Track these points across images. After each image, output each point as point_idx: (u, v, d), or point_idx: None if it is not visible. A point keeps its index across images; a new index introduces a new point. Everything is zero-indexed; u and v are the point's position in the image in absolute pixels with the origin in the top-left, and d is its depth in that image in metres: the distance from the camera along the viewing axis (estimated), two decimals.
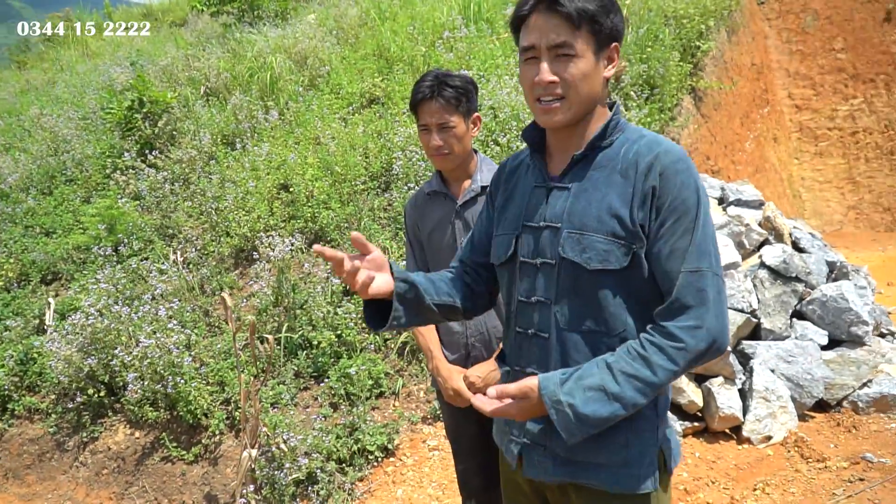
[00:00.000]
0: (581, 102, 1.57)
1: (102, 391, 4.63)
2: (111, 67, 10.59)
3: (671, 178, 1.50)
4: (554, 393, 1.50)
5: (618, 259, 1.53)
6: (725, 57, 9.67)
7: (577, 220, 1.58)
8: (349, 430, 4.07)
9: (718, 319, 1.48)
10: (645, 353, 1.48)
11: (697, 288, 1.47)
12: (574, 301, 1.59)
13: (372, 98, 7.23)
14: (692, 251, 1.49)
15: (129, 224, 6.05)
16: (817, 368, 4.20)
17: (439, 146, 2.40)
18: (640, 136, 1.61)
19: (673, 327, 1.47)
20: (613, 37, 1.57)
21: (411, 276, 1.72)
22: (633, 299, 1.56)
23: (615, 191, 1.55)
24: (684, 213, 1.50)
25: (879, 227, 12.66)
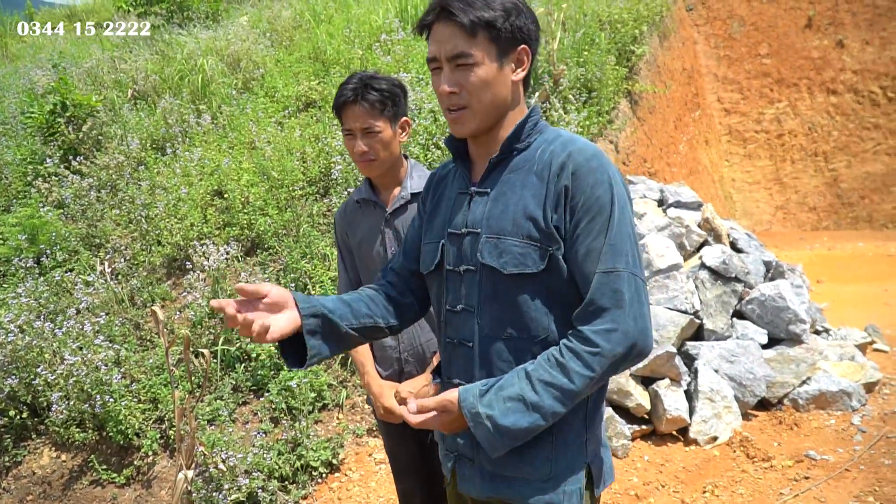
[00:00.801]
0: (485, 110, 1.55)
1: (25, 412, 4.35)
2: (32, 70, 10.12)
3: (584, 177, 1.47)
4: (473, 405, 1.46)
5: (534, 262, 1.49)
6: (658, 61, 9.85)
7: (494, 224, 1.55)
8: (291, 446, 3.91)
9: (637, 321, 1.43)
10: (562, 360, 1.43)
11: (613, 289, 1.43)
12: (494, 307, 1.55)
13: (308, 101, 7.06)
14: (606, 251, 1.44)
15: (52, 234, 5.74)
16: (759, 367, 4.25)
17: (364, 152, 2.30)
18: (556, 137, 1.58)
19: (588, 331, 1.42)
20: (519, 39, 1.54)
21: (321, 306, 1.58)
22: (555, 303, 1.52)
23: (530, 192, 1.52)
24: (598, 212, 1.46)
25: (806, 226, 13.11)
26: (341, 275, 2.58)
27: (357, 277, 2.51)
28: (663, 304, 4.45)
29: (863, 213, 12.93)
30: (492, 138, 1.61)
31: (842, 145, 13.24)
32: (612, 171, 1.50)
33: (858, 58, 13.38)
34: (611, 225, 1.45)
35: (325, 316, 1.58)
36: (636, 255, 1.48)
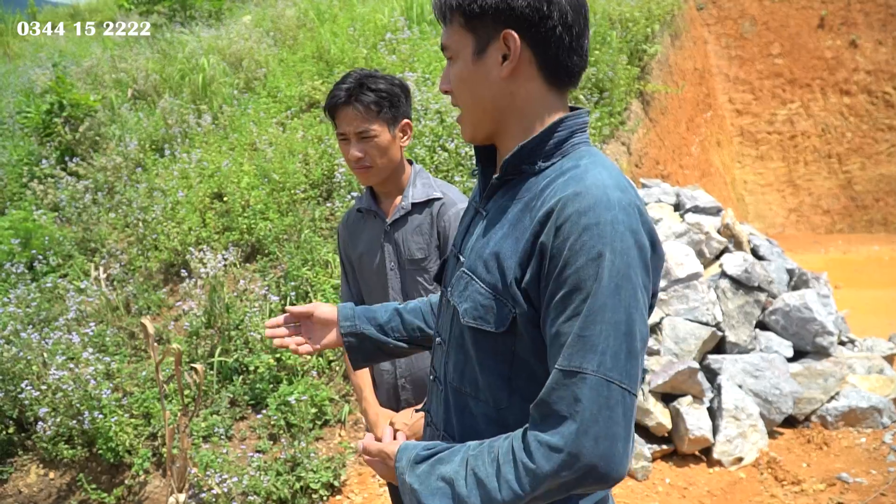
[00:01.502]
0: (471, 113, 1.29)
1: (11, 427, 4.15)
2: (31, 69, 9.94)
3: (567, 236, 1.09)
4: (403, 471, 1.25)
5: (495, 320, 1.20)
6: (670, 61, 9.62)
7: (472, 259, 1.28)
8: (290, 466, 3.70)
9: (600, 444, 1.06)
10: (500, 460, 1.14)
11: (573, 396, 1.07)
12: (459, 356, 1.32)
13: (312, 102, 6.86)
14: (574, 343, 1.08)
15: (45, 238, 5.54)
16: (785, 383, 4.02)
17: (359, 158, 2.07)
18: (572, 167, 1.19)
19: (532, 438, 1.11)
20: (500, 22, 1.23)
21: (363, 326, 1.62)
22: (521, 375, 1.22)
23: (515, 235, 1.20)
24: (575, 287, 1.08)
25: (820, 229, 12.86)
26: (343, 289, 2.37)
27: (359, 293, 2.30)
28: (683, 315, 4.23)
29: (878, 216, 12.67)
30: (506, 149, 1.29)
31: (856, 147, 12.99)
32: (616, 231, 1.09)
33: (872, 58, 13.12)
34: (588, 309, 1.07)
35: (363, 335, 1.62)
36: (623, 354, 1.08)
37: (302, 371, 4.19)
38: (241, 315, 4.45)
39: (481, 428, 1.28)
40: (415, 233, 2.13)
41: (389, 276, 2.16)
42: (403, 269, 2.15)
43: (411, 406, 2.18)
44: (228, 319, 4.47)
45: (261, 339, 4.25)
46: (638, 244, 1.11)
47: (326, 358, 4.28)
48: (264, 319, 4.38)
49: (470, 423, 1.31)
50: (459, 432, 1.32)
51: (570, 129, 1.24)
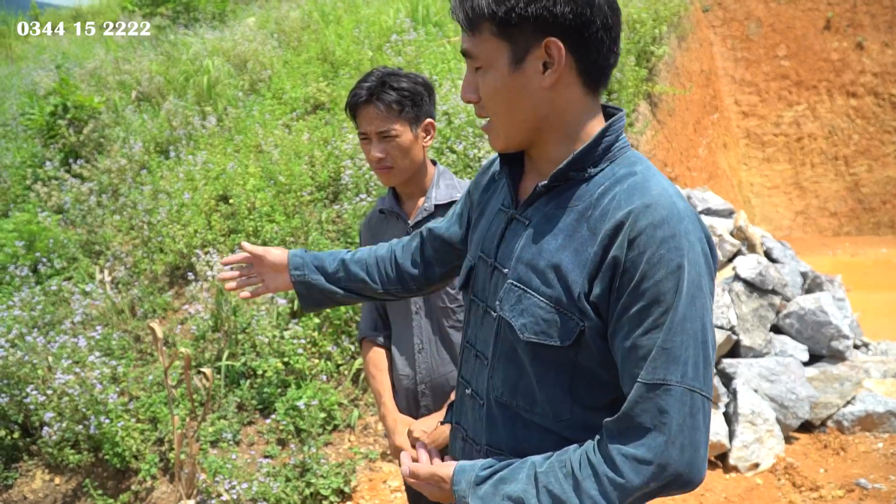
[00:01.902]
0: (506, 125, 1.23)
1: (16, 432, 4.09)
2: (34, 71, 9.91)
3: (644, 249, 1.08)
4: (465, 493, 1.21)
5: (560, 334, 1.16)
6: (677, 63, 9.57)
7: (523, 270, 1.22)
8: (300, 472, 3.64)
9: (685, 453, 1.08)
10: (579, 475, 1.12)
11: (658, 408, 1.08)
12: (510, 370, 1.26)
13: (317, 104, 6.80)
14: (658, 356, 1.08)
15: (49, 240, 5.49)
16: (801, 387, 3.96)
17: (380, 158, 2.02)
18: (628, 174, 1.17)
19: (616, 452, 1.10)
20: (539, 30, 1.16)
21: (310, 275, 1.68)
22: (582, 382, 1.20)
23: (574, 246, 1.16)
24: (655, 300, 1.08)
25: (827, 231, 12.79)
26: None
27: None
28: None
29: (885, 219, 12.60)
30: (543, 156, 1.25)
31: (863, 149, 12.92)
32: (690, 242, 1.09)
33: (878, 60, 13.06)
34: (670, 321, 1.07)
35: (312, 283, 1.68)
36: (702, 363, 1.10)
37: (310, 375, 4.14)
38: (248, 318, 4.40)
39: (535, 440, 1.25)
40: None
41: None
42: None
43: (431, 412, 2.12)
44: (235, 323, 4.41)
45: (269, 342, 4.20)
46: (704, 253, 1.12)
47: (335, 362, 4.22)
48: (272, 323, 4.32)
49: (523, 436, 1.26)
50: (510, 446, 1.28)
51: (616, 132, 1.21)
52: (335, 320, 4.29)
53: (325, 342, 4.25)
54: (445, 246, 1.61)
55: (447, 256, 1.62)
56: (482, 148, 5.10)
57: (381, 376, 2.21)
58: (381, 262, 1.69)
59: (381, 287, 1.68)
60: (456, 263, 1.61)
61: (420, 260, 1.65)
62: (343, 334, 4.29)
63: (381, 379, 2.21)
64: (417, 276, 1.66)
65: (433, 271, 1.65)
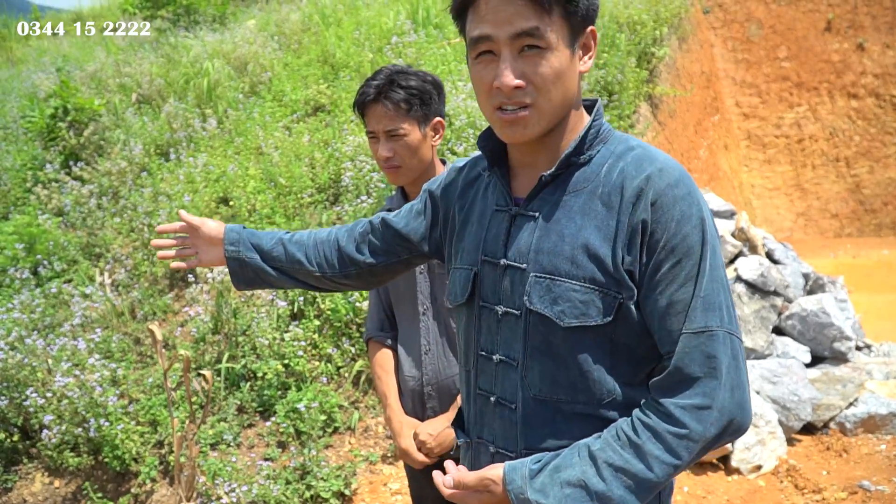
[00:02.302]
0: (553, 110, 1.22)
1: (16, 435, 4.08)
2: (35, 73, 9.91)
3: (667, 209, 1.14)
4: (521, 489, 1.16)
5: (599, 312, 1.19)
6: (677, 65, 9.56)
7: (546, 260, 1.23)
8: (300, 474, 3.62)
9: (735, 393, 1.12)
10: (638, 440, 1.13)
11: (706, 354, 1.12)
12: (547, 364, 1.25)
13: (317, 106, 6.80)
14: (696, 305, 1.13)
15: (49, 243, 5.48)
16: (804, 389, 3.94)
17: (388, 157, 2.00)
18: (627, 150, 1.24)
19: (673, 406, 1.12)
20: (589, 18, 1.23)
21: (244, 253, 1.63)
22: (620, 359, 1.22)
23: (594, 223, 1.20)
24: (685, 254, 1.14)
25: (828, 232, 12.77)
26: (371, 294, 2.28)
27: (388, 295, 2.22)
28: None
29: (886, 220, 12.58)
30: (543, 145, 1.28)
31: (864, 150, 12.90)
32: (702, 199, 1.19)
33: (879, 61, 13.05)
34: (701, 271, 1.13)
35: (245, 261, 1.63)
36: (731, 309, 1.17)
37: (311, 377, 4.12)
38: (248, 320, 4.38)
39: (577, 430, 1.24)
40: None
41: (418, 280, 2.09)
42: (433, 272, 2.08)
43: (437, 414, 2.09)
44: (235, 325, 4.40)
45: (269, 344, 4.18)
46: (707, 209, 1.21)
47: (336, 364, 4.21)
48: (272, 325, 4.31)
49: (564, 430, 1.25)
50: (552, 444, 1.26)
51: (601, 117, 1.30)
52: (335, 322, 4.28)
53: (326, 344, 4.24)
54: (399, 238, 1.57)
55: (396, 249, 1.58)
56: None
57: (387, 378, 2.19)
58: (321, 245, 1.63)
59: (317, 270, 1.62)
60: (403, 257, 1.59)
61: (367, 248, 1.60)
62: (343, 336, 4.28)
63: (386, 381, 2.19)
64: (360, 262, 1.59)
65: (378, 261, 1.59)
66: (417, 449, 2.04)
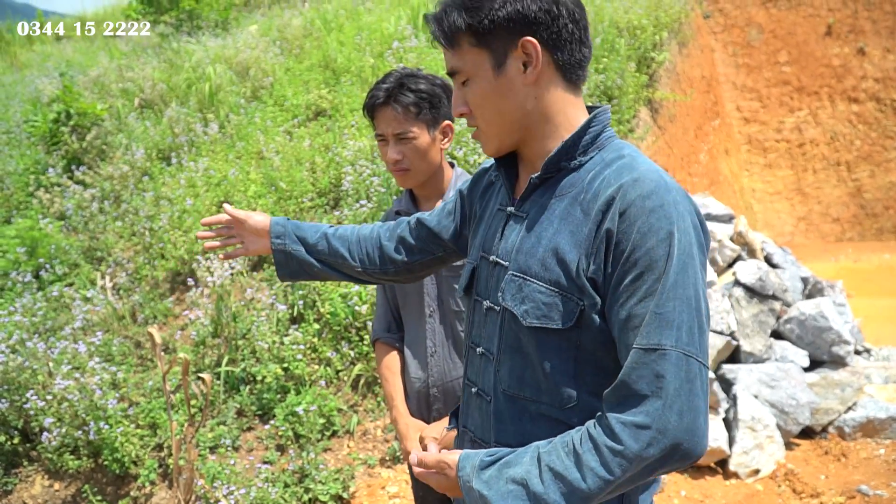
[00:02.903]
0: (496, 128, 1.30)
1: (16, 438, 4.09)
2: (38, 78, 9.95)
3: (634, 220, 1.13)
4: (469, 477, 1.21)
5: (560, 316, 1.20)
6: (678, 69, 9.57)
7: (522, 260, 1.27)
8: (298, 478, 3.64)
9: (683, 417, 1.08)
10: (579, 450, 1.13)
11: (654, 373, 1.09)
12: (516, 360, 1.29)
13: (318, 110, 6.83)
14: (651, 321, 1.10)
15: (51, 246, 5.51)
16: (802, 393, 3.95)
17: (397, 160, 2.02)
18: (616, 158, 1.24)
19: (615, 421, 1.11)
20: (514, 31, 1.25)
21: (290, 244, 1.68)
22: (586, 367, 1.22)
23: (570, 228, 1.22)
24: (647, 267, 1.12)
25: (829, 237, 12.77)
26: (379, 295, 2.29)
27: (395, 297, 2.23)
28: None
29: (888, 224, 12.57)
30: (534, 152, 1.31)
31: (864, 154, 12.91)
32: (678, 212, 1.14)
33: (880, 66, 13.05)
34: (662, 287, 1.10)
35: (291, 253, 1.69)
36: (696, 329, 1.12)
37: (310, 381, 4.14)
38: (248, 324, 4.40)
39: (543, 431, 1.25)
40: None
41: (425, 282, 2.10)
42: (440, 274, 2.09)
43: (443, 416, 2.10)
44: (235, 329, 4.42)
45: (268, 348, 4.20)
46: (694, 224, 1.16)
47: (335, 368, 4.22)
48: (272, 329, 4.33)
49: (530, 430, 1.27)
50: (518, 440, 1.27)
51: (603, 123, 1.29)
52: (335, 326, 4.30)
53: (325, 348, 4.25)
54: (432, 236, 1.64)
55: (431, 247, 1.65)
56: (482, 155, 5.11)
57: (393, 379, 2.20)
58: (364, 242, 1.70)
59: (359, 265, 1.69)
60: (438, 255, 1.66)
61: (403, 247, 1.67)
62: (343, 340, 4.30)
63: (393, 382, 2.20)
64: (398, 261, 1.67)
65: (414, 259, 1.67)
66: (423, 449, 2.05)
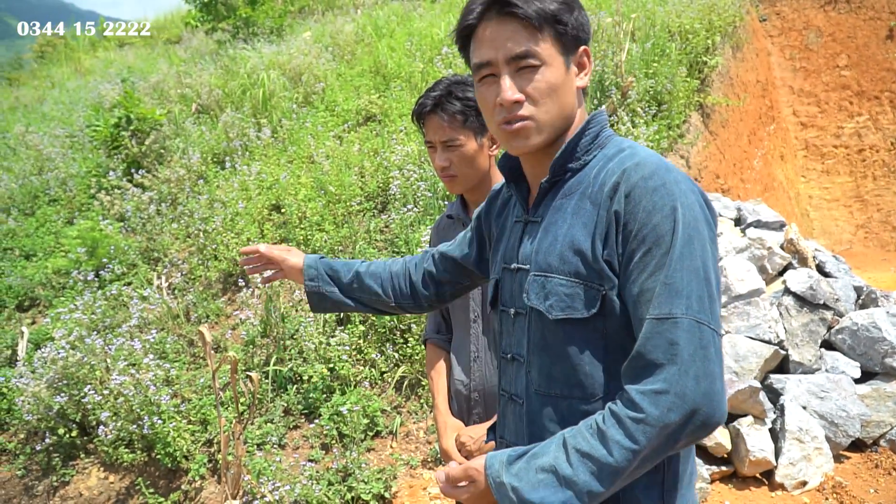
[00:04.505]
0: (552, 121, 1.32)
1: (74, 431, 4.27)
2: (101, 84, 10.33)
3: (639, 200, 1.20)
4: (498, 473, 1.20)
5: (584, 305, 1.25)
6: (731, 73, 9.41)
7: (542, 259, 1.33)
8: (342, 476, 3.71)
9: (700, 382, 1.10)
10: (603, 427, 1.14)
11: (668, 341, 1.12)
12: (544, 359, 1.32)
13: (368, 115, 6.94)
14: (661, 292, 1.15)
15: (111, 247, 5.72)
16: (852, 405, 3.86)
17: (444, 167, 2.07)
18: (617, 152, 1.32)
19: (634, 392, 1.13)
20: (582, 38, 1.34)
21: (326, 286, 1.77)
22: (613, 354, 1.25)
23: (582, 220, 1.28)
24: (655, 242, 1.17)
25: (889, 245, 12.36)
26: None
27: None
28: (744, 332, 4.10)
29: None
30: (547, 156, 1.37)
31: None
32: (681, 189, 1.20)
33: None
34: (669, 259, 1.15)
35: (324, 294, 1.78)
36: (706, 298, 1.16)
37: (355, 382, 4.21)
38: (296, 325, 4.50)
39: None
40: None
41: None
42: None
43: (483, 420, 2.14)
44: (284, 329, 4.52)
45: (315, 348, 4.29)
46: (699, 202, 1.21)
47: (379, 369, 4.29)
48: (318, 330, 4.42)
49: (562, 427, 1.26)
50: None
51: (601, 123, 1.37)
52: (380, 328, 4.36)
53: (370, 350, 4.32)
54: (456, 267, 1.73)
55: (458, 277, 1.74)
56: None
57: (438, 379, 2.28)
58: (396, 278, 1.79)
59: (393, 301, 1.78)
60: (465, 283, 1.76)
61: (431, 280, 1.76)
62: (387, 342, 4.36)
63: (437, 381, 2.28)
64: (429, 295, 1.77)
65: (444, 290, 1.77)
66: (458, 450, 2.09)
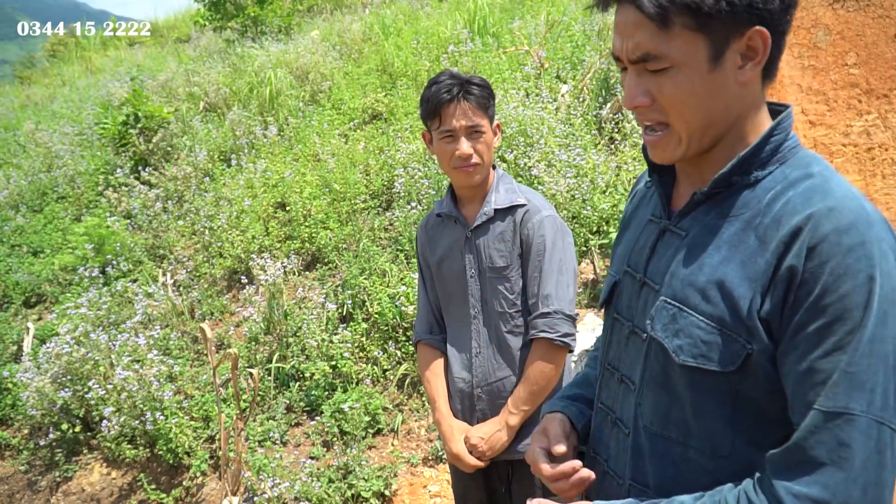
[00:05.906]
0: (694, 132, 1.06)
1: (78, 426, 4.31)
2: (110, 82, 10.39)
3: (826, 260, 0.94)
4: None
5: (722, 358, 1.03)
6: None
7: (678, 286, 1.09)
8: (342, 473, 3.72)
9: (867, 494, 0.92)
10: None
11: (838, 440, 0.93)
12: (661, 397, 1.13)
13: (374, 114, 6.96)
14: (839, 380, 0.93)
15: (117, 244, 5.76)
16: None
17: (469, 155, 1.99)
18: (804, 176, 1.03)
19: (785, 492, 0.94)
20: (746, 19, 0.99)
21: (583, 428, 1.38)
22: (745, 415, 1.05)
23: (740, 257, 1.03)
24: (839, 317, 0.93)
25: None
26: (421, 294, 2.33)
27: (437, 298, 2.26)
28: None
29: None
30: (705, 160, 1.12)
31: None
32: (882, 251, 0.95)
33: None
34: (856, 340, 0.93)
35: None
36: (892, 391, 0.94)
37: (357, 379, 4.23)
38: (299, 322, 4.52)
39: (689, 478, 1.10)
40: (497, 240, 2.07)
41: (469, 283, 2.11)
42: (484, 276, 2.09)
43: (487, 417, 2.10)
44: (287, 326, 4.55)
45: (318, 346, 4.31)
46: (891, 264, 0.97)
47: (381, 367, 4.31)
48: (321, 328, 4.44)
49: (672, 473, 1.13)
50: (657, 482, 1.15)
51: (786, 130, 1.08)
52: (382, 326, 4.38)
53: (373, 347, 4.34)
54: None
55: None
56: (532, 157, 5.12)
57: (436, 381, 2.21)
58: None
59: None
60: None
61: None
62: (390, 340, 4.38)
63: (436, 384, 2.21)
64: None
65: None
66: (469, 452, 2.06)
